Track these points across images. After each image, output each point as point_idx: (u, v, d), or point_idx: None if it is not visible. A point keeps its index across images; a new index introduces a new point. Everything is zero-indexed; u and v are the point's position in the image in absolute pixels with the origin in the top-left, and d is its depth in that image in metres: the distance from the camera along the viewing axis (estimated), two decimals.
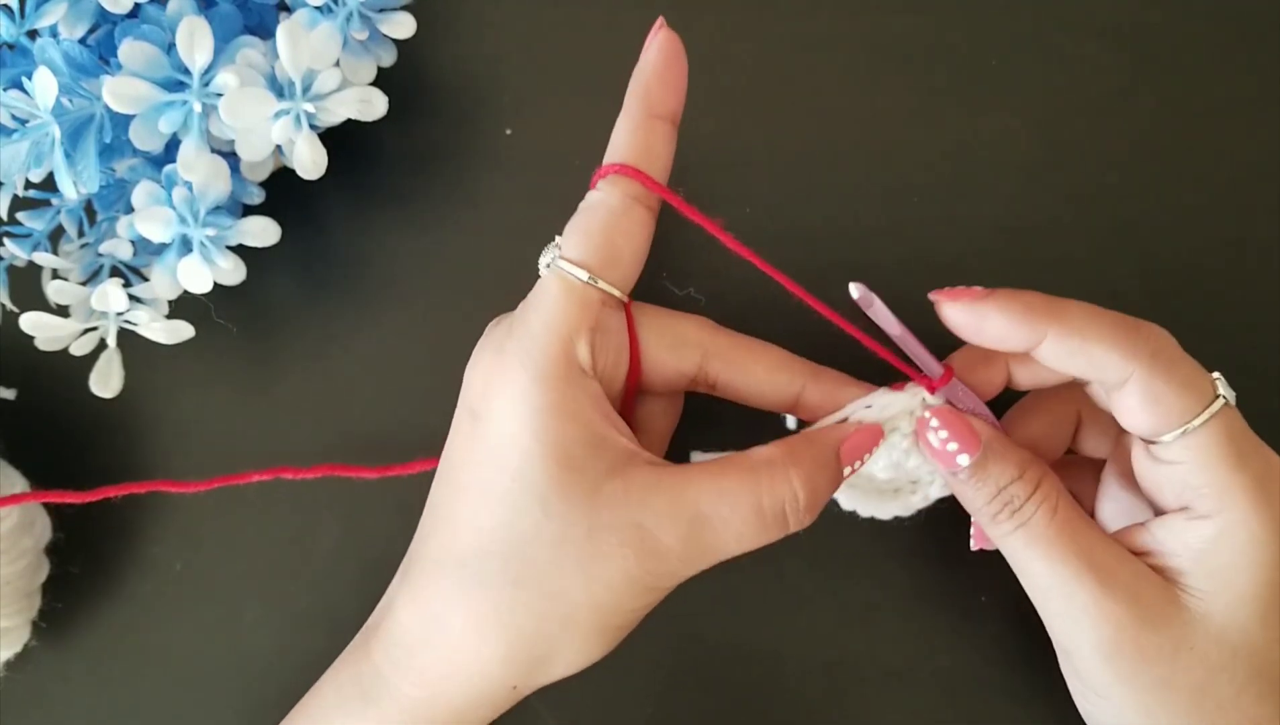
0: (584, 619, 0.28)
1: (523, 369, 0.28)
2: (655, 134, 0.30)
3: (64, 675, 0.37)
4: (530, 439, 0.28)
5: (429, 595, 0.29)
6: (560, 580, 0.27)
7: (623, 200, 0.30)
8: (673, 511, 0.28)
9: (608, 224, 0.29)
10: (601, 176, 0.30)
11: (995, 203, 0.38)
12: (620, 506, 0.28)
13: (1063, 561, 0.29)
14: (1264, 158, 0.38)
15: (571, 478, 0.28)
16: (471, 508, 0.28)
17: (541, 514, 0.27)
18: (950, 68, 0.39)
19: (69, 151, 0.32)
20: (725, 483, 0.28)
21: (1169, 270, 0.38)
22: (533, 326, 0.29)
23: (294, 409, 0.38)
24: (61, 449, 0.38)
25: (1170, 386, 0.28)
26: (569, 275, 0.29)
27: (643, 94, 0.30)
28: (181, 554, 0.38)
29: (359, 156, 0.39)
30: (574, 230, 0.30)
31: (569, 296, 0.29)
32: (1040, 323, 0.29)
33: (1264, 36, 0.39)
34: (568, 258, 0.29)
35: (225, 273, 0.34)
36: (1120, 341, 0.28)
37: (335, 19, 0.34)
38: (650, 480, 0.28)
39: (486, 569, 0.28)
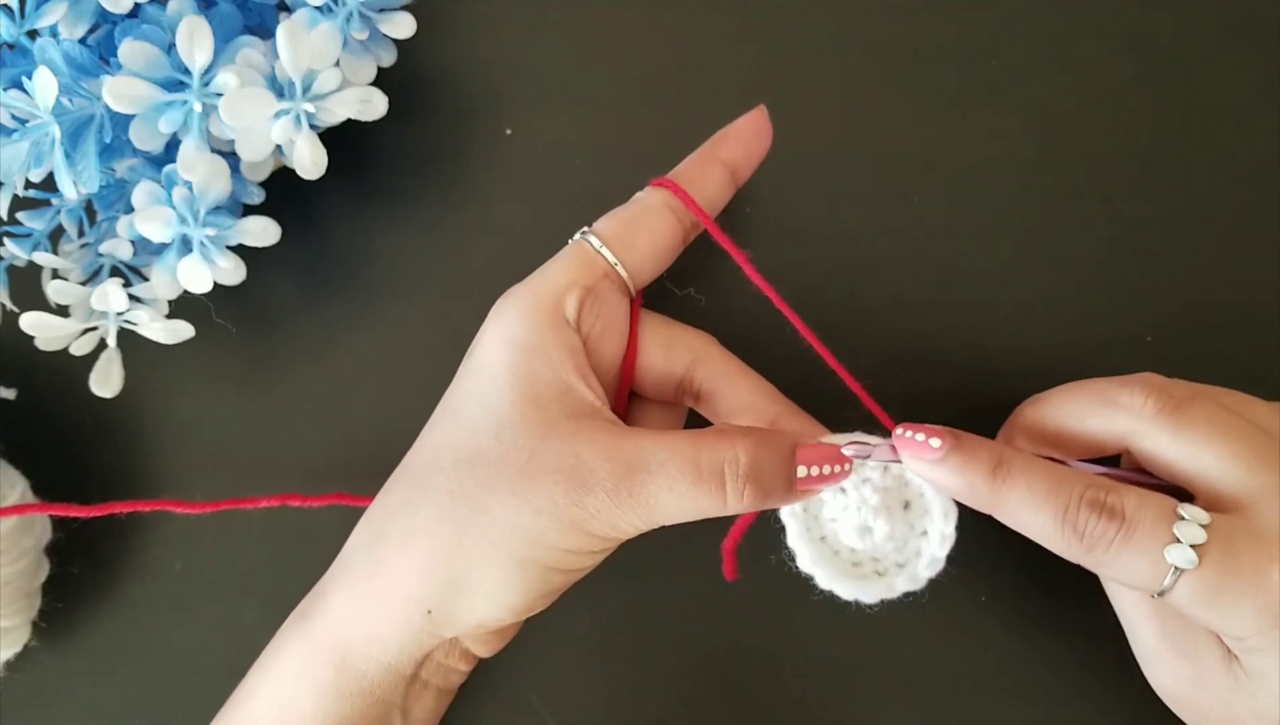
0: (506, 542, 0.28)
1: (514, 308, 0.30)
2: (712, 170, 0.33)
3: (64, 675, 0.37)
4: (503, 370, 0.30)
5: (379, 506, 0.31)
6: (490, 498, 0.28)
7: (659, 204, 0.32)
8: (612, 451, 0.28)
9: (636, 215, 0.32)
10: (653, 182, 0.33)
11: (995, 203, 0.38)
12: (565, 440, 0.29)
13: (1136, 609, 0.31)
14: (1265, 157, 0.38)
15: (530, 410, 0.29)
16: (438, 427, 0.31)
17: (494, 437, 0.29)
18: (950, 68, 0.39)
19: (69, 151, 0.32)
20: (670, 437, 0.29)
21: (1169, 270, 0.38)
22: (534, 277, 0.31)
23: (294, 409, 0.38)
24: (61, 449, 0.38)
25: (1123, 573, 0.28)
26: (583, 239, 0.32)
27: (718, 140, 0.33)
28: (181, 554, 0.38)
29: (359, 156, 0.39)
30: (607, 215, 0.32)
31: (575, 255, 0.31)
32: (982, 503, 0.29)
33: (1265, 36, 0.39)
34: (592, 230, 0.32)
35: (225, 273, 0.34)
36: (1063, 534, 0.28)
37: (335, 19, 0.34)
38: (602, 425, 0.29)
39: (430, 480, 0.29)
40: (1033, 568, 0.36)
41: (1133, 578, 0.28)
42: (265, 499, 0.34)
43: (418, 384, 0.38)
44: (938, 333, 0.38)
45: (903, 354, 0.37)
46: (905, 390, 0.37)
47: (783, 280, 0.38)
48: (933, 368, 0.37)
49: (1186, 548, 0.27)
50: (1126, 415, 0.29)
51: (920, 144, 0.39)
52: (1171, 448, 0.29)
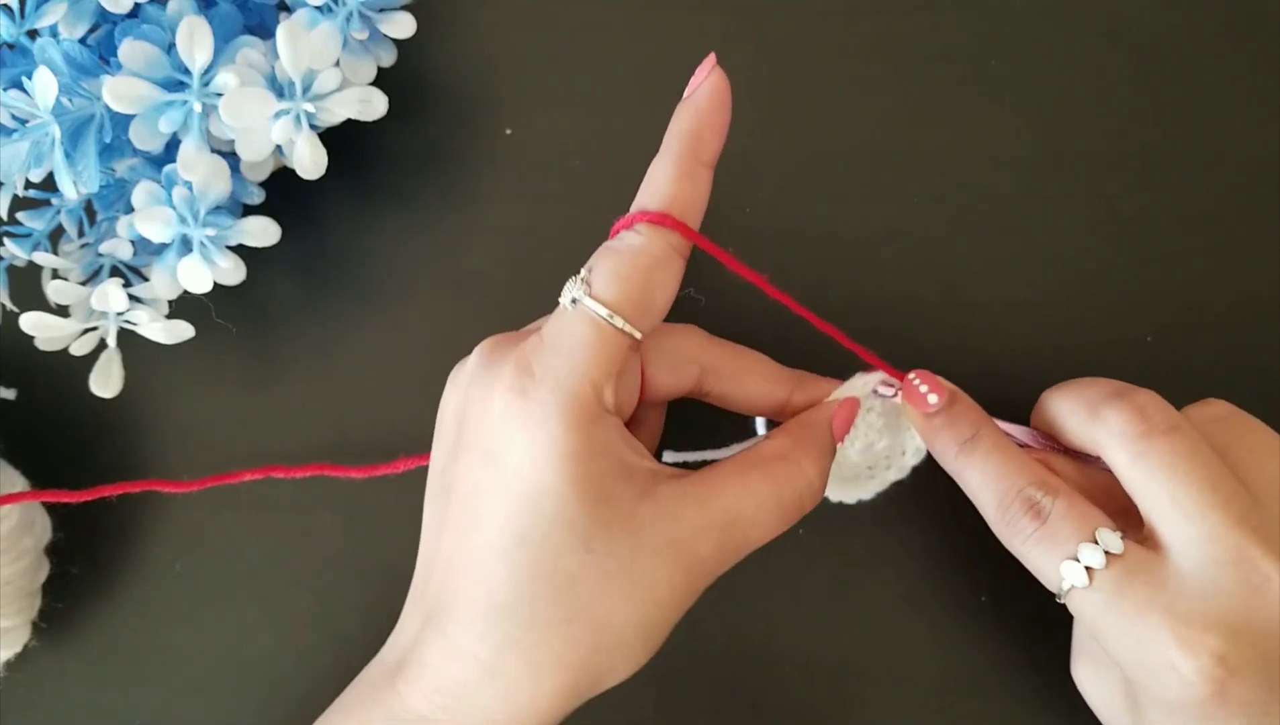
0: (635, 637, 0.28)
1: (554, 417, 0.27)
2: (699, 181, 0.30)
3: (64, 675, 0.37)
4: (565, 483, 0.27)
5: (473, 642, 0.28)
6: (610, 609, 0.28)
7: (665, 251, 0.29)
8: (704, 521, 0.29)
9: (647, 272, 0.29)
10: (643, 221, 0.29)
11: (995, 203, 0.38)
12: (656, 528, 0.28)
13: None
14: (1265, 157, 0.38)
15: (608, 511, 0.28)
16: (507, 554, 0.28)
17: (585, 552, 0.28)
18: (950, 68, 0.39)
19: (69, 151, 0.32)
20: (748, 483, 0.29)
21: (1169, 270, 0.38)
22: (561, 372, 0.28)
23: (294, 409, 0.38)
24: (61, 449, 0.38)
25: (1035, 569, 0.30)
26: (601, 319, 0.28)
27: (692, 139, 0.29)
28: (181, 554, 0.38)
29: (359, 156, 0.39)
30: (609, 272, 0.28)
31: (600, 341, 0.28)
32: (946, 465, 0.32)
33: (1265, 36, 0.39)
34: (601, 300, 0.28)
35: (225, 273, 0.34)
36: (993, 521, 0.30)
37: (335, 19, 0.34)
38: (677, 494, 0.29)
39: (536, 613, 0.28)
40: None
41: (1041, 576, 0.30)
42: (249, 472, 0.35)
43: (418, 384, 0.38)
44: (938, 333, 0.38)
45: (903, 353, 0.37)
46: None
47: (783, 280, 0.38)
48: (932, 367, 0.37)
49: (1080, 567, 0.28)
50: (1102, 429, 0.30)
51: (920, 144, 0.39)
52: (1127, 472, 0.29)
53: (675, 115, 0.30)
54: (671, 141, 0.30)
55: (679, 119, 0.30)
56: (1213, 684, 0.27)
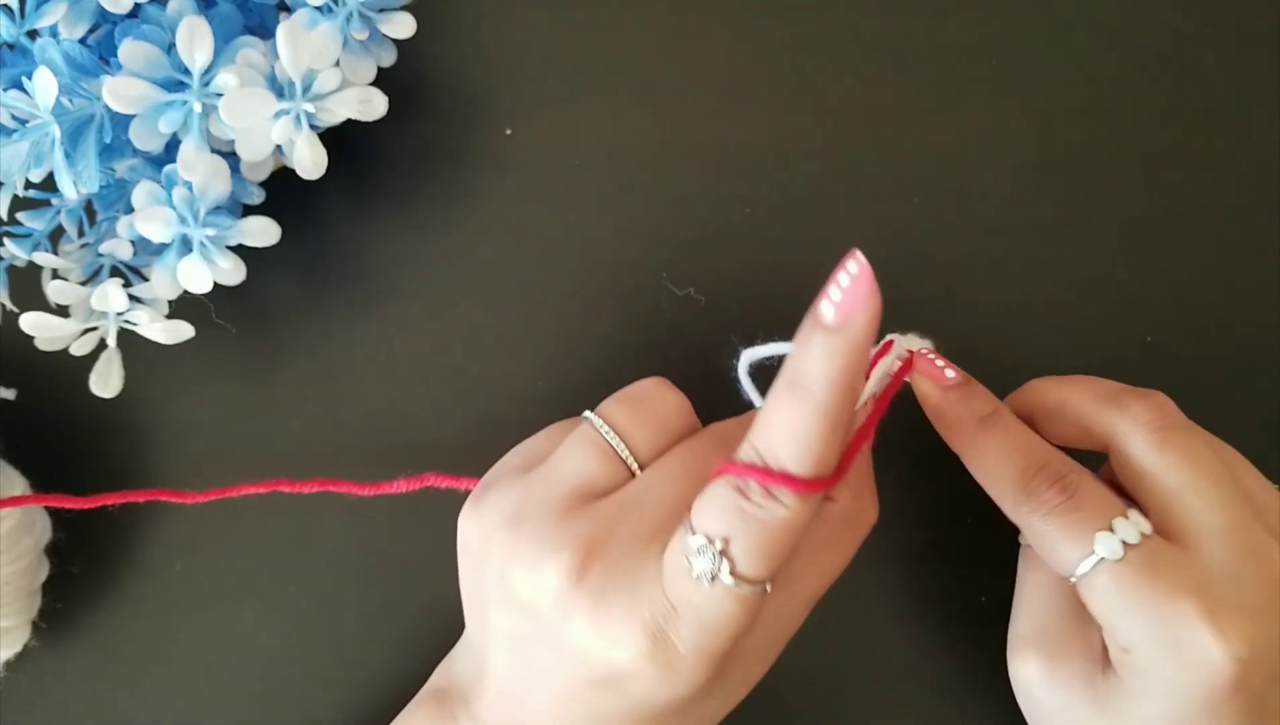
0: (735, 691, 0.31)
1: (709, 671, 0.27)
2: (842, 432, 0.26)
3: (64, 675, 0.37)
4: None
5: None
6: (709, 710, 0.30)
7: (807, 515, 0.26)
8: (794, 614, 0.30)
9: (796, 539, 0.26)
10: (787, 487, 0.25)
11: (995, 203, 0.38)
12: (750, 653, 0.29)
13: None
14: (1265, 158, 0.38)
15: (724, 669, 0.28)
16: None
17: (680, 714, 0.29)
18: (950, 67, 0.39)
19: (69, 151, 0.32)
20: (826, 568, 0.30)
21: (1169, 270, 0.38)
22: (707, 643, 0.26)
23: (294, 409, 0.38)
24: (61, 449, 0.38)
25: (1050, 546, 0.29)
26: (753, 596, 0.26)
27: (846, 383, 0.25)
28: (181, 554, 0.38)
29: (359, 156, 0.39)
30: (756, 551, 0.25)
31: (749, 613, 0.26)
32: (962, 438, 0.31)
33: (1265, 36, 0.39)
34: (748, 579, 0.26)
35: (225, 273, 0.34)
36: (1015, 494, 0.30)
37: (335, 19, 0.34)
38: (770, 618, 0.29)
39: None
40: None
41: (1057, 552, 0.29)
42: (254, 486, 0.34)
43: (418, 384, 0.38)
44: (937, 333, 0.38)
45: None
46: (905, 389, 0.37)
47: (783, 280, 0.38)
48: None
49: (1117, 541, 0.28)
50: (1124, 418, 0.30)
51: (920, 144, 0.39)
52: (1147, 458, 0.29)
53: (818, 347, 0.25)
54: (817, 388, 0.25)
55: (828, 360, 0.25)
56: (1239, 668, 0.27)
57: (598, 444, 0.29)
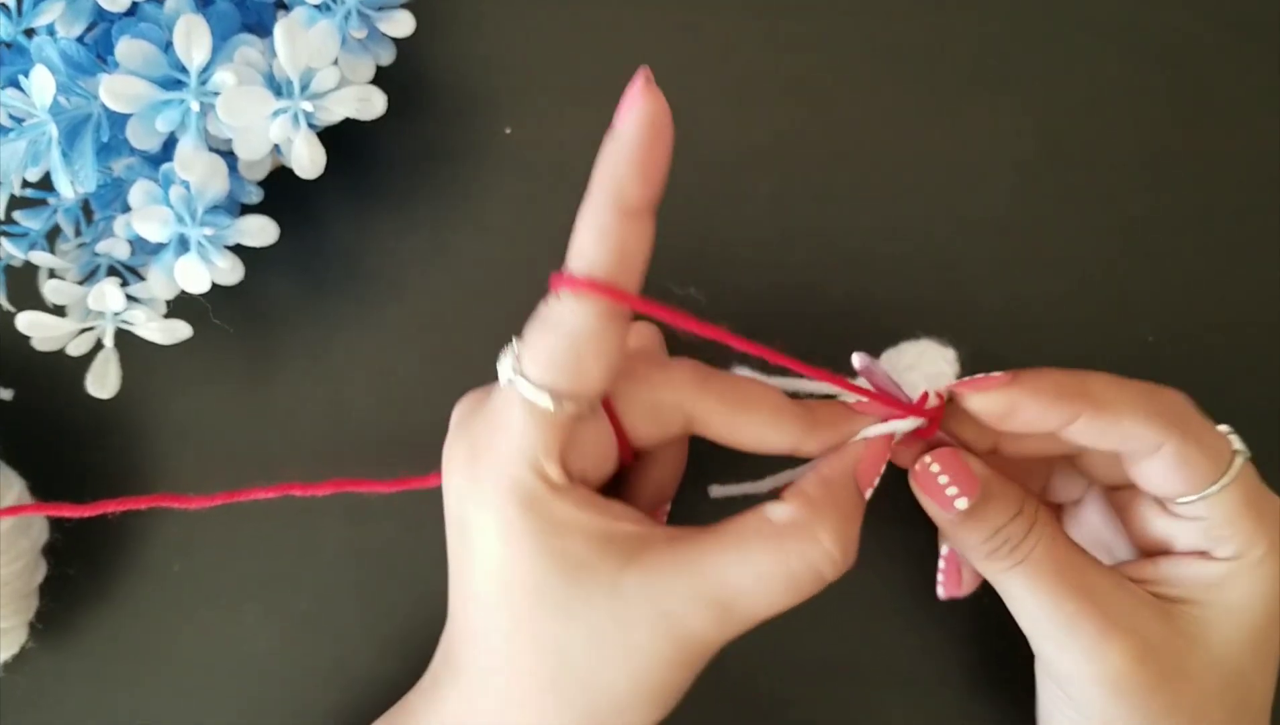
0: (631, 703, 0.28)
1: (499, 497, 0.26)
2: (628, 234, 0.25)
3: (62, 676, 0.37)
4: (529, 557, 0.27)
5: (477, 695, 0.28)
6: (601, 677, 0.27)
7: (593, 321, 0.26)
8: (698, 595, 0.27)
9: (576, 348, 0.26)
10: (567, 286, 0.25)
11: (995, 203, 0.38)
12: (643, 597, 0.27)
13: (1065, 598, 0.29)
14: (1266, 158, 0.38)
15: (587, 579, 0.27)
16: (494, 622, 0.27)
17: (567, 619, 0.27)
18: (950, 67, 0.39)
19: (66, 150, 0.31)
20: (748, 555, 0.27)
21: (1170, 270, 0.38)
22: (498, 454, 0.27)
23: (292, 409, 0.38)
24: (58, 449, 0.38)
25: (1197, 454, 0.28)
26: (533, 402, 0.26)
27: (615, 188, 0.25)
28: (180, 555, 0.38)
29: (357, 156, 0.39)
30: (538, 348, 0.26)
31: (534, 424, 0.26)
32: (1071, 405, 0.28)
33: (1265, 36, 0.39)
34: (532, 380, 0.26)
35: (223, 272, 0.34)
36: (1152, 415, 0.28)
37: (334, 17, 0.34)
38: (667, 562, 0.27)
39: (525, 680, 0.27)
40: None
41: (1205, 463, 0.29)
42: (265, 490, 0.34)
43: (417, 383, 0.38)
44: (938, 333, 0.38)
45: None
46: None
47: (782, 280, 0.38)
48: None
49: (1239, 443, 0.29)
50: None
51: (920, 144, 0.39)
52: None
53: (601, 155, 0.26)
54: (594, 192, 0.26)
55: (603, 161, 0.25)
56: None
57: None
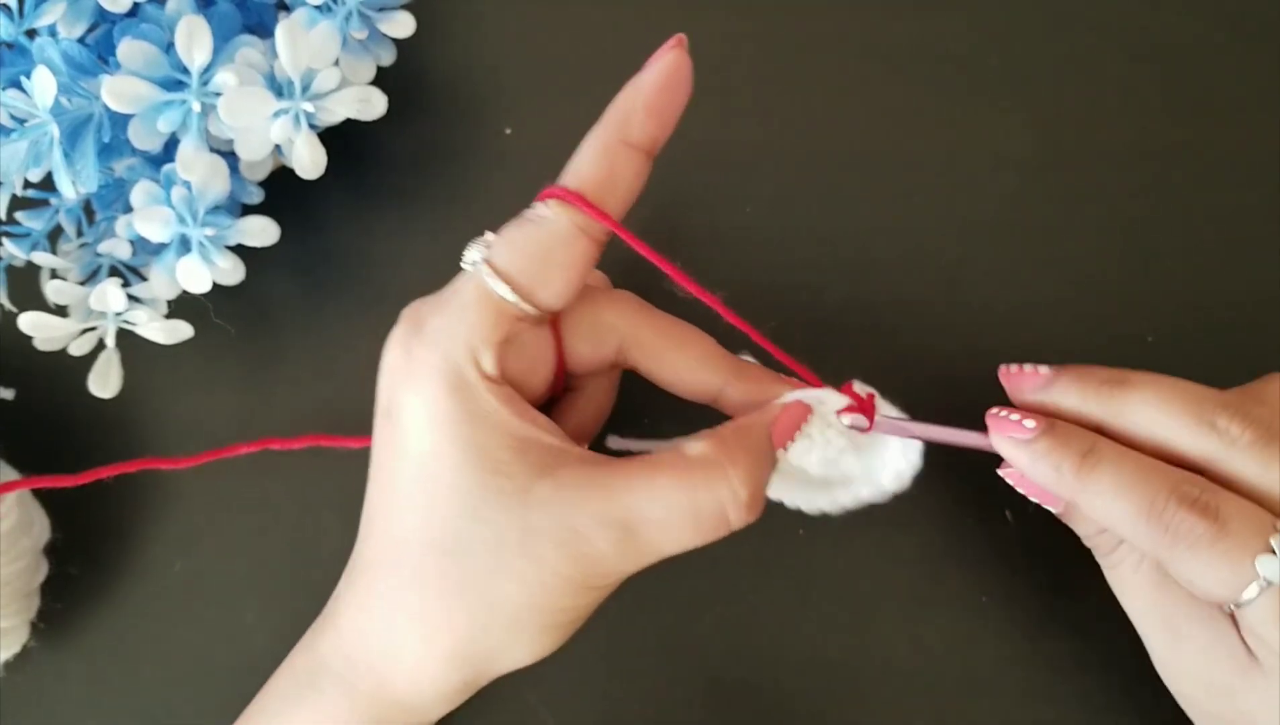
0: (527, 620, 0.28)
1: (430, 377, 0.27)
2: (623, 162, 0.28)
3: (63, 676, 0.37)
4: (449, 446, 0.27)
5: (372, 597, 0.29)
6: (498, 584, 0.27)
7: (569, 228, 0.28)
8: (605, 515, 0.27)
9: (547, 247, 0.28)
10: (555, 195, 0.28)
11: (995, 203, 0.38)
12: (552, 509, 0.27)
13: (1144, 612, 0.30)
14: (1266, 157, 0.38)
15: (498, 482, 0.27)
16: (403, 512, 0.28)
17: (473, 519, 0.27)
18: (950, 68, 0.39)
19: (68, 151, 0.32)
20: (658, 483, 0.27)
21: (1170, 270, 0.38)
22: (439, 333, 0.28)
23: (293, 408, 0.38)
24: (60, 449, 0.38)
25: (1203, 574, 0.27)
26: (489, 287, 0.27)
27: (622, 118, 0.28)
28: (181, 554, 0.38)
29: (358, 156, 0.39)
30: (509, 242, 0.28)
31: (483, 307, 0.27)
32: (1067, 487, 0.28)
33: (1265, 36, 0.39)
34: (494, 267, 0.28)
35: (224, 272, 0.34)
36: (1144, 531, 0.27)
37: (334, 18, 0.34)
38: (581, 479, 0.27)
39: (425, 573, 0.27)
40: (1033, 568, 0.36)
41: (1210, 583, 0.27)
42: (245, 446, 0.34)
43: None
44: (938, 333, 0.38)
45: (903, 354, 0.37)
46: (905, 390, 0.37)
47: (782, 280, 0.38)
48: (933, 367, 0.37)
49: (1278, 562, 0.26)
50: (1219, 440, 0.28)
51: (920, 144, 0.39)
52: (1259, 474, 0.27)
53: (619, 94, 0.28)
54: (603, 118, 0.28)
55: (617, 97, 0.28)
56: None
57: None
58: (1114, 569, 0.31)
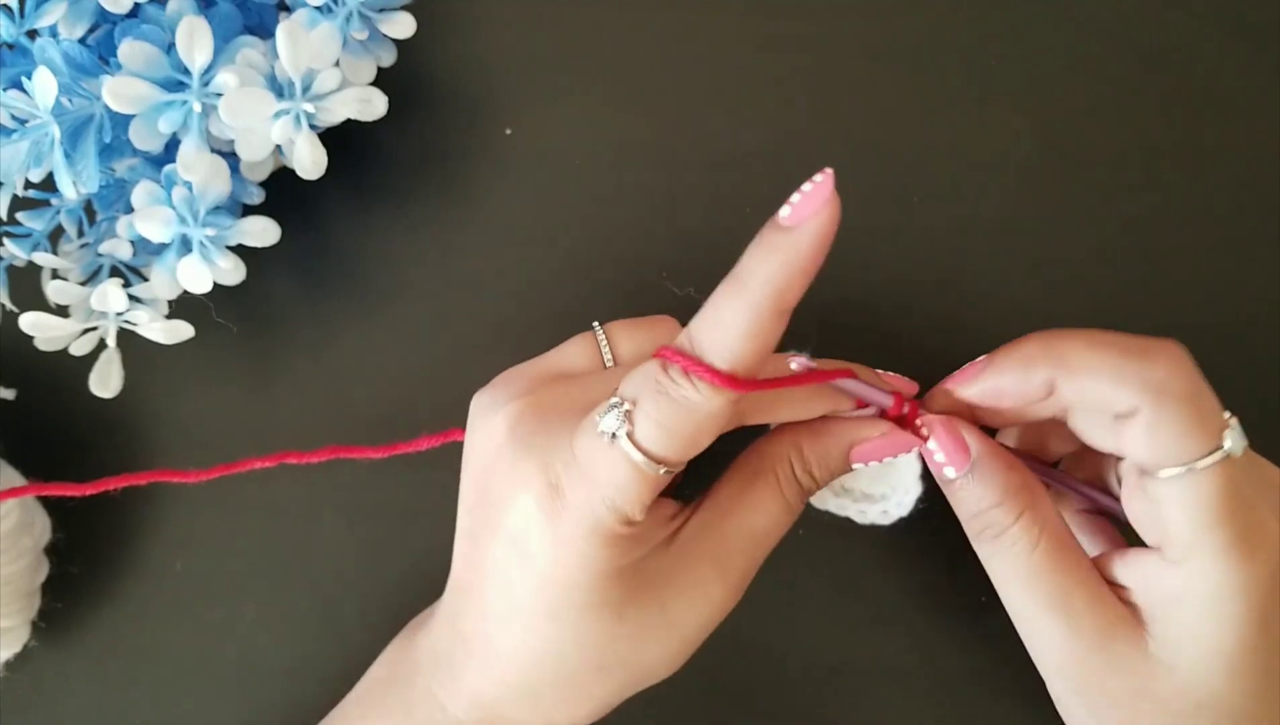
0: (666, 667, 0.31)
1: (584, 539, 0.27)
2: (775, 334, 0.26)
3: (64, 675, 0.37)
4: (598, 580, 0.28)
5: (508, 674, 0.29)
6: (644, 655, 0.30)
7: (722, 409, 0.26)
8: (726, 549, 0.30)
9: (700, 427, 0.26)
10: (706, 377, 0.25)
11: (995, 203, 0.38)
12: (681, 573, 0.29)
13: (1035, 597, 0.29)
14: (1266, 157, 0.38)
15: (636, 580, 0.29)
16: (538, 627, 0.28)
17: (618, 621, 0.29)
18: (950, 67, 0.39)
19: (68, 151, 0.32)
20: (755, 502, 0.30)
21: (1170, 270, 0.38)
22: (594, 505, 0.27)
23: (294, 408, 0.38)
24: (61, 449, 0.38)
25: (1173, 426, 0.27)
26: (643, 467, 0.26)
27: (779, 290, 0.25)
28: (181, 554, 0.38)
29: (359, 156, 0.39)
30: (658, 424, 0.26)
31: (640, 485, 0.26)
32: (1041, 369, 0.29)
33: (1265, 36, 0.39)
34: (645, 449, 0.26)
35: (225, 273, 0.34)
36: (1127, 375, 0.27)
37: (335, 19, 0.34)
38: (696, 533, 0.30)
39: (570, 666, 0.29)
40: None
41: (1179, 440, 0.27)
42: (260, 460, 0.34)
43: (418, 384, 0.38)
44: (938, 332, 0.38)
45: (903, 354, 0.37)
46: None
47: None
48: (933, 367, 0.37)
49: (1240, 436, 0.27)
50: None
51: (920, 144, 0.39)
52: None
53: (765, 244, 0.25)
54: (753, 284, 0.25)
55: (770, 256, 0.25)
56: None
57: (588, 340, 0.32)
58: (1009, 549, 0.30)
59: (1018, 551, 0.30)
